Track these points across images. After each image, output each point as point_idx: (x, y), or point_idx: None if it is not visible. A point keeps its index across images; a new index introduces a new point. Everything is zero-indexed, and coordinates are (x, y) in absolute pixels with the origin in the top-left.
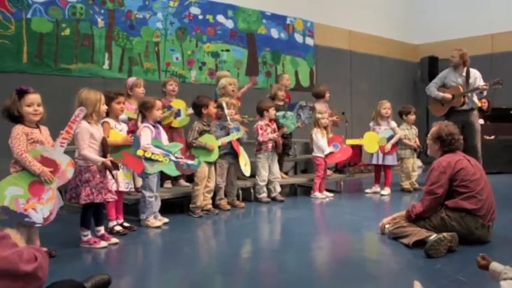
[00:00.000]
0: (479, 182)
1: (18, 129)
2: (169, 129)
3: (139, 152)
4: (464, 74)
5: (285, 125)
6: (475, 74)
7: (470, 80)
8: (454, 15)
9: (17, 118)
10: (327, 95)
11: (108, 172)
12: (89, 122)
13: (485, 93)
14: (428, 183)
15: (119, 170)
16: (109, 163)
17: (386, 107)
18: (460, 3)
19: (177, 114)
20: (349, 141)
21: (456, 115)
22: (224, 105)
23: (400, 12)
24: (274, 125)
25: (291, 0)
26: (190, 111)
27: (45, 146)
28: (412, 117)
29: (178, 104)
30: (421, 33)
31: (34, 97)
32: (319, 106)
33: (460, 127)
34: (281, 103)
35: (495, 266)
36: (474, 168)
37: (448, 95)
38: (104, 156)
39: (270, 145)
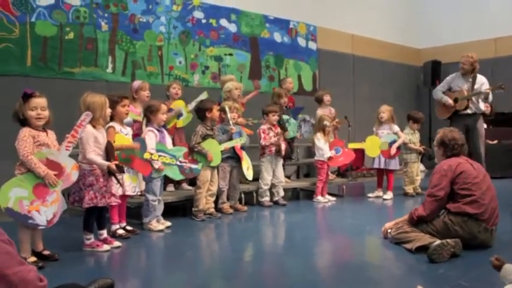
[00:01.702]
0: (481, 185)
1: (25, 132)
2: (175, 130)
3: (146, 155)
4: (471, 79)
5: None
6: (481, 79)
7: (476, 86)
8: (457, 19)
9: (24, 121)
10: (325, 98)
11: (112, 176)
12: (94, 126)
13: (490, 98)
14: (430, 187)
15: (124, 173)
16: (114, 167)
17: (380, 111)
18: (463, 8)
19: (179, 113)
20: (351, 145)
21: (460, 119)
22: (227, 109)
23: (402, 17)
24: (278, 129)
25: (294, 4)
26: (190, 106)
27: (51, 149)
28: (418, 126)
29: (177, 104)
30: (424, 38)
31: (38, 101)
32: (321, 111)
33: (464, 131)
34: (284, 107)
35: (508, 267)
36: (476, 171)
37: (450, 101)
38: (109, 160)
39: (273, 149)
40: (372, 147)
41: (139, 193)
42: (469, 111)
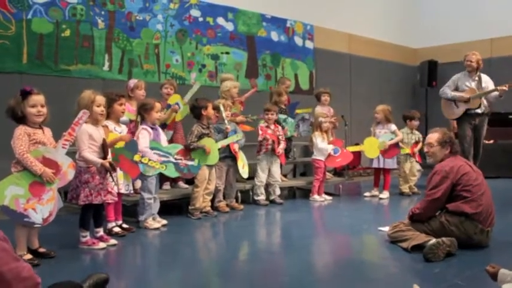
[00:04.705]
0: (481, 187)
1: (21, 130)
2: (175, 124)
3: (136, 157)
4: (476, 78)
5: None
6: (486, 78)
7: (483, 85)
8: (454, 19)
9: (21, 119)
10: (323, 98)
11: (108, 174)
12: (85, 122)
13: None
14: (429, 187)
15: (115, 171)
16: (107, 164)
17: (375, 112)
18: (460, 8)
19: (176, 110)
20: (350, 148)
21: (468, 119)
22: (221, 107)
23: (399, 16)
24: (279, 128)
25: (291, 3)
26: (186, 99)
27: (47, 147)
28: (416, 123)
29: (174, 99)
30: (420, 38)
31: (38, 98)
32: (320, 109)
33: (472, 130)
34: (282, 106)
35: (504, 272)
36: (476, 173)
37: (465, 95)
38: (104, 157)
39: (269, 146)
40: (371, 149)
41: (131, 191)
42: (479, 110)
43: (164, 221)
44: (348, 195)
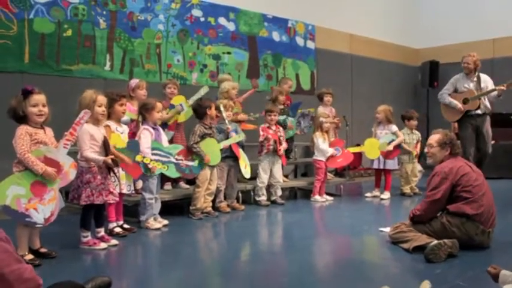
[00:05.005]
0: (481, 187)
1: (22, 130)
2: (176, 126)
3: (138, 158)
4: (475, 79)
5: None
6: (485, 78)
7: (482, 85)
8: (455, 19)
9: (22, 118)
10: (325, 98)
11: (111, 173)
12: (86, 122)
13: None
14: (429, 188)
15: (118, 166)
16: (109, 161)
17: (376, 112)
18: (461, 8)
19: (180, 110)
20: (351, 149)
21: (469, 120)
22: (222, 108)
23: (401, 17)
24: (280, 128)
25: (293, 3)
26: (191, 101)
27: (49, 146)
28: (414, 122)
29: (178, 100)
30: (422, 38)
31: (39, 97)
32: (322, 109)
33: (474, 132)
34: (281, 106)
35: (505, 273)
36: (476, 174)
37: (460, 106)
38: (106, 156)
39: (270, 147)
40: (372, 150)
41: (133, 192)
42: (479, 111)
43: (165, 221)
44: (349, 195)
